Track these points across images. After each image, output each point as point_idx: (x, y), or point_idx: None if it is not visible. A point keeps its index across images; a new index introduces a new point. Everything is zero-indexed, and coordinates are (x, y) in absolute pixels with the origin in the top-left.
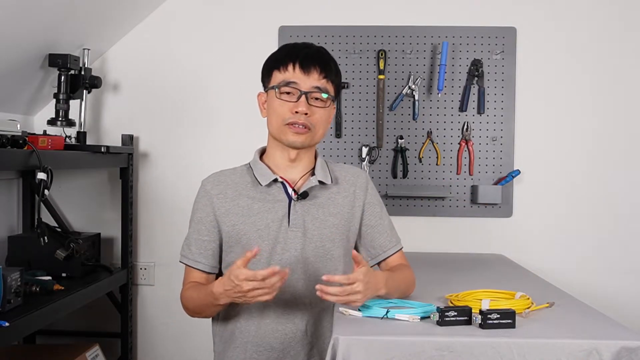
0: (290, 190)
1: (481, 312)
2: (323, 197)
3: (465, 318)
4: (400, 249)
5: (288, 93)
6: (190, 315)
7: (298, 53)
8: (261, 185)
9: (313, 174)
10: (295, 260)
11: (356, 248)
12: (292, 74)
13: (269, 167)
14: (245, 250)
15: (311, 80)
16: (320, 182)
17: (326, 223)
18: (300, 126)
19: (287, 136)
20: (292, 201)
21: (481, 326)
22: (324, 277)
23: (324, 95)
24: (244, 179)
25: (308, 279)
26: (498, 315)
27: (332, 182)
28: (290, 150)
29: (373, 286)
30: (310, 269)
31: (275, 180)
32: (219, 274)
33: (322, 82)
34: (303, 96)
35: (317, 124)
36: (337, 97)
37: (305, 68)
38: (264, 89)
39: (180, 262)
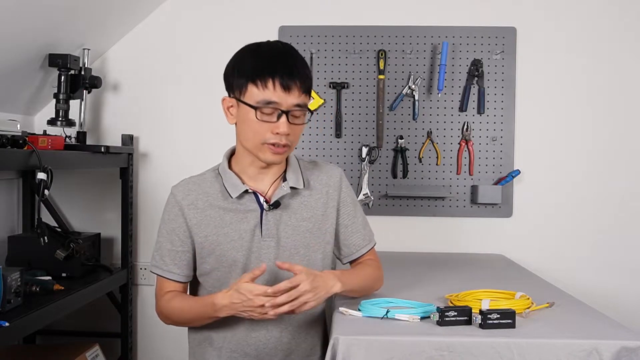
0: (262, 200)
1: (481, 312)
2: (295, 203)
3: (466, 318)
4: (373, 245)
5: (268, 113)
6: (171, 324)
7: (276, 66)
8: (232, 197)
9: (284, 178)
10: (269, 270)
11: (333, 252)
12: (272, 92)
13: (238, 176)
14: (220, 261)
15: (292, 98)
16: (292, 188)
17: (299, 229)
18: (281, 146)
19: (265, 155)
20: (264, 211)
21: (481, 326)
22: (269, 290)
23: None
24: (214, 188)
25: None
26: (498, 315)
27: (304, 186)
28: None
29: (322, 284)
30: (286, 276)
31: (246, 191)
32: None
33: (302, 98)
34: (284, 116)
35: (296, 139)
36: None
37: (286, 86)
38: (230, 93)
39: (152, 272)
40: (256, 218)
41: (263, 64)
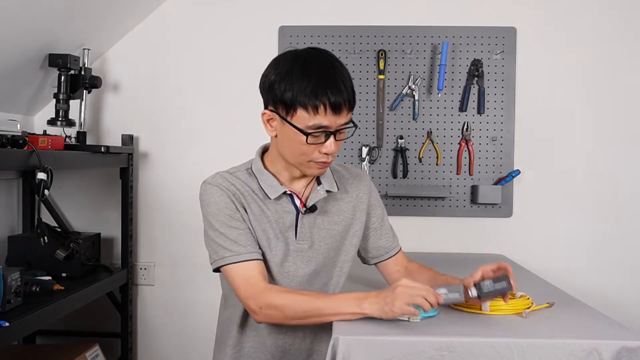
0: (298, 202)
1: (475, 284)
2: (328, 206)
3: (504, 284)
4: (400, 248)
5: (317, 136)
6: (278, 320)
7: (326, 90)
8: (270, 198)
9: (318, 182)
10: (303, 273)
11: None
12: (323, 117)
13: (275, 177)
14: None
15: (341, 119)
16: (327, 191)
17: (331, 232)
18: (327, 162)
19: (311, 170)
20: (300, 214)
21: (479, 297)
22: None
23: (348, 128)
24: (251, 185)
25: (314, 289)
26: (493, 282)
27: (338, 189)
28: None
29: None
30: (318, 280)
31: (284, 193)
32: None
33: (349, 117)
34: (331, 137)
35: (338, 150)
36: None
37: (337, 109)
38: (270, 106)
39: (231, 262)
40: (291, 219)
41: (313, 88)
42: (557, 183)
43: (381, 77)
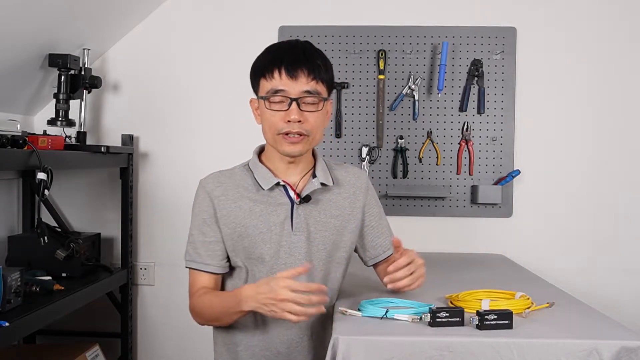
0: (292, 194)
1: (478, 313)
2: (324, 199)
3: (458, 319)
4: None
5: (278, 102)
6: (202, 324)
7: (282, 57)
8: (263, 189)
9: (314, 175)
10: (299, 264)
11: (355, 249)
12: (278, 81)
13: (269, 169)
14: (249, 253)
15: (300, 85)
16: (322, 184)
17: (328, 225)
18: (295, 135)
19: (283, 147)
20: (295, 205)
21: (478, 327)
22: (391, 268)
23: (315, 99)
24: (245, 180)
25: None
26: (495, 316)
27: (333, 183)
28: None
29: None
30: (317, 273)
31: (277, 184)
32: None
33: (312, 85)
34: (294, 103)
35: (313, 129)
36: (330, 93)
37: (292, 73)
38: (256, 96)
39: (188, 267)
40: (286, 211)
41: (270, 57)
42: (557, 183)
43: (381, 77)
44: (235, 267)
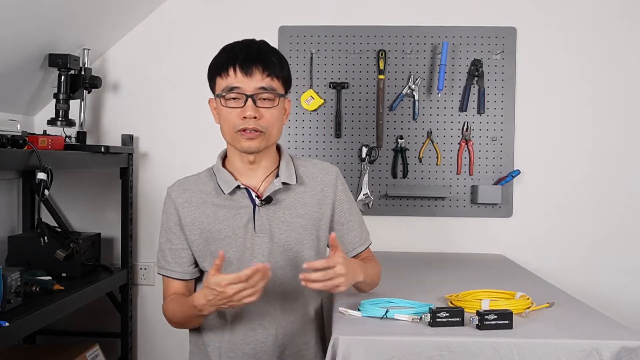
0: (253, 195)
1: (478, 313)
2: (289, 199)
3: (458, 319)
4: (369, 244)
5: (234, 99)
6: (175, 327)
7: (237, 55)
8: (224, 193)
9: (277, 175)
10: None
11: (327, 245)
12: (233, 78)
13: (230, 173)
14: (214, 258)
15: (254, 82)
16: (284, 183)
17: (293, 225)
18: (251, 131)
19: (241, 143)
20: (256, 207)
21: (478, 327)
22: (305, 265)
23: (271, 95)
24: (208, 185)
25: (280, 284)
26: (495, 316)
27: (297, 182)
28: (247, 155)
29: (352, 271)
30: (280, 273)
31: (238, 187)
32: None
33: (267, 81)
34: (249, 100)
35: (269, 125)
36: (287, 90)
37: (246, 70)
38: (213, 95)
39: (159, 273)
40: (249, 214)
41: (226, 56)
42: (557, 183)
43: (381, 77)
44: (205, 272)
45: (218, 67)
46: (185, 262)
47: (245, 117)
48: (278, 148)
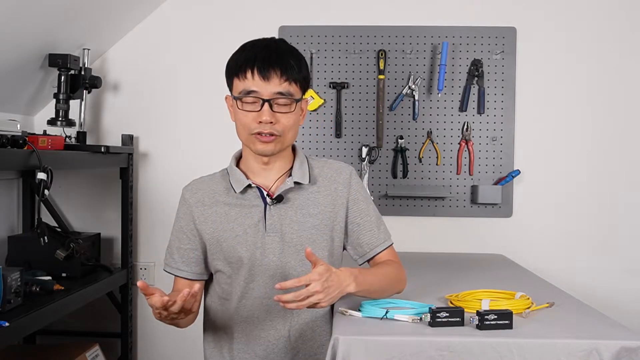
0: (265, 194)
1: (478, 313)
2: (301, 198)
3: (458, 319)
4: (390, 245)
5: (251, 102)
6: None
7: (255, 57)
8: (236, 192)
9: (290, 174)
10: (275, 266)
11: (344, 247)
12: (251, 81)
13: (244, 173)
14: (227, 257)
15: (272, 86)
16: (296, 182)
17: (305, 225)
18: (267, 135)
19: (256, 146)
20: (268, 205)
21: (478, 327)
22: (277, 286)
23: (287, 100)
24: (221, 185)
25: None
26: (495, 316)
27: (309, 181)
28: (262, 156)
29: (335, 284)
30: (292, 273)
31: (250, 186)
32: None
33: (284, 86)
34: (266, 104)
35: (285, 129)
36: (305, 91)
37: (264, 74)
38: (230, 93)
39: (164, 270)
40: (260, 213)
41: (244, 57)
42: (557, 183)
43: (381, 77)
44: (217, 272)
45: (236, 68)
46: (193, 262)
47: (261, 122)
48: (293, 148)
